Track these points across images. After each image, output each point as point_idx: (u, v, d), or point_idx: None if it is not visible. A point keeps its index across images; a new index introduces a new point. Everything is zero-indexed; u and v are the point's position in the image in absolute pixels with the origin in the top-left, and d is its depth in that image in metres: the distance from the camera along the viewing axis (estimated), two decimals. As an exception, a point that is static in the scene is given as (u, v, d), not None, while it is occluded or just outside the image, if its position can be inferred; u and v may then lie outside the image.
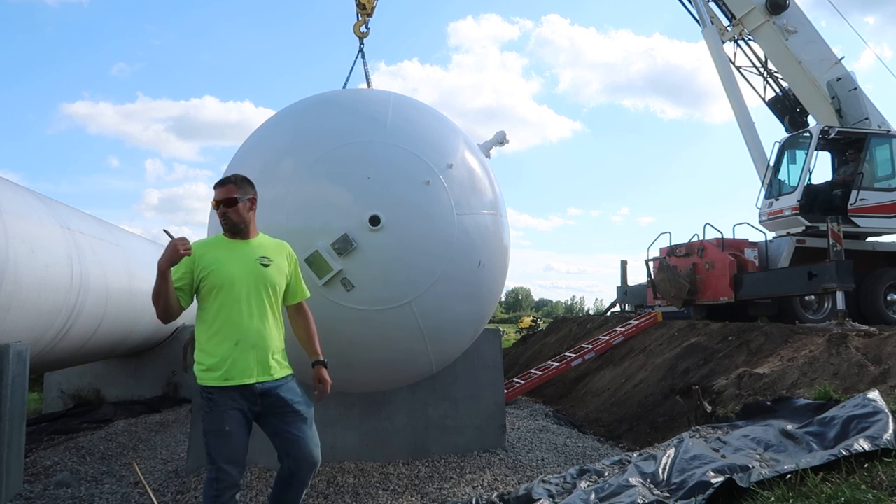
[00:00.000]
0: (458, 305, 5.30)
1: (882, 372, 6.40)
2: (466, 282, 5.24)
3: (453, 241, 5.04)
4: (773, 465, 4.06)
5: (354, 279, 4.77)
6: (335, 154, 4.97)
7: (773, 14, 12.50)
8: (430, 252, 4.97)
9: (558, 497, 4.31)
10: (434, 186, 5.02)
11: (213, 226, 4.63)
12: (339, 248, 4.71)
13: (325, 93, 5.89)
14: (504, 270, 5.81)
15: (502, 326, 44.85)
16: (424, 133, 5.37)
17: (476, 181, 5.44)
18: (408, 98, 5.85)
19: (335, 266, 4.69)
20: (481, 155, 5.88)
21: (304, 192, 4.90)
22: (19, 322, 5.76)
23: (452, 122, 5.87)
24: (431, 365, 5.62)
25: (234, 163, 5.55)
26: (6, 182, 6.40)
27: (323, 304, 4.80)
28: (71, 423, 9.26)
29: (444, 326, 5.29)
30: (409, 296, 4.92)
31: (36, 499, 5.25)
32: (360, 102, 5.62)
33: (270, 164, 5.14)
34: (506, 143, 6.44)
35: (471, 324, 5.69)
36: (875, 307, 10.49)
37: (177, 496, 5.32)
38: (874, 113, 12.21)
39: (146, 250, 10.62)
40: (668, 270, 11.85)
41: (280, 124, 5.56)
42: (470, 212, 5.21)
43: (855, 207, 11.01)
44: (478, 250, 5.24)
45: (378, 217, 4.75)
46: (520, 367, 13.22)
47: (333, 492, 5.44)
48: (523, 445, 7.05)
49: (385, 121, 5.23)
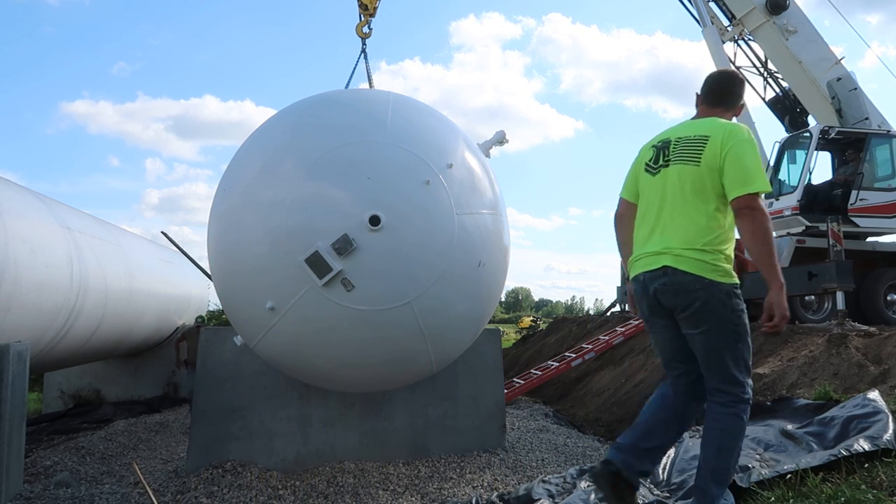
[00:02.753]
0: (458, 305, 5.30)
1: (882, 372, 6.40)
2: (467, 281, 5.24)
3: (453, 240, 5.04)
4: (773, 465, 4.06)
5: (355, 279, 4.77)
6: (335, 154, 4.96)
7: (773, 14, 12.49)
8: (431, 252, 4.96)
9: (558, 497, 4.31)
10: (434, 186, 5.02)
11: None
12: (339, 248, 4.71)
13: (325, 92, 5.89)
14: (504, 270, 5.82)
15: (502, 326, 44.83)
16: (424, 133, 5.37)
17: (476, 181, 5.44)
18: (407, 98, 5.85)
19: (335, 266, 4.69)
20: (481, 155, 5.88)
21: (303, 192, 4.90)
22: (19, 322, 5.76)
23: (452, 122, 5.86)
24: (432, 365, 5.62)
25: (233, 162, 5.54)
26: (6, 182, 6.40)
27: (323, 304, 4.79)
28: (71, 423, 9.27)
29: (444, 326, 5.29)
30: (410, 295, 4.91)
31: (36, 499, 5.25)
32: (359, 102, 5.61)
33: (270, 164, 5.14)
34: (506, 143, 6.43)
35: (471, 323, 5.69)
36: (875, 307, 10.48)
37: (177, 496, 5.31)
38: (874, 113, 12.20)
39: (146, 250, 10.63)
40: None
41: (280, 124, 5.56)
42: (470, 211, 5.21)
43: (855, 207, 11.00)
44: (478, 250, 5.24)
45: (378, 217, 4.74)
46: (520, 367, 13.22)
47: (333, 492, 5.44)
48: (523, 445, 7.05)
49: (385, 120, 5.23)
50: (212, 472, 5.75)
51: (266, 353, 5.45)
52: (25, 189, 6.90)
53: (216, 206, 5.44)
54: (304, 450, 6.21)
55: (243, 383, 6.20)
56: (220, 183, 5.53)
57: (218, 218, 5.36)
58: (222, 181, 5.51)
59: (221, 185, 5.49)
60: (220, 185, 5.53)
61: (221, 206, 5.35)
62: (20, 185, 6.90)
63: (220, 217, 5.33)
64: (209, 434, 6.03)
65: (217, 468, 5.82)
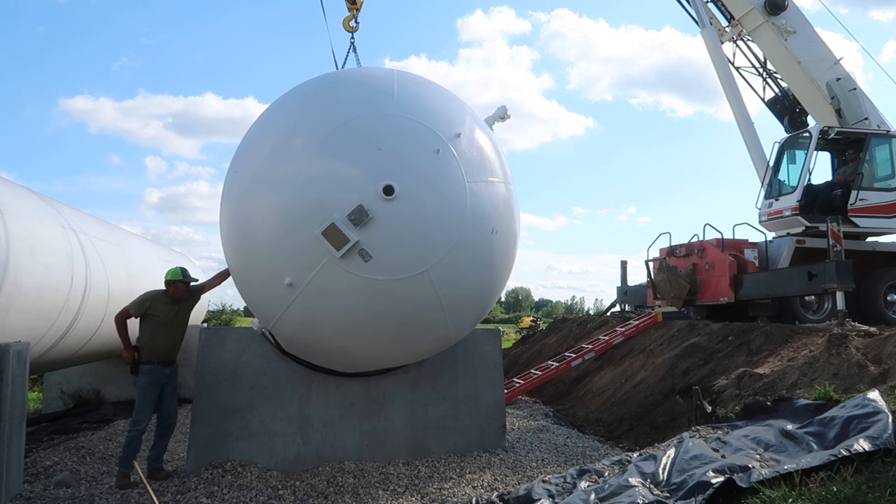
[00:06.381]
0: (474, 272, 5.32)
1: (882, 372, 6.40)
2: (481, 249, 5.27)
3: (466, 208, 5.09)
4: (773, 465, 4.06)
5: (372, 249, 4.80)
6: (345, 128, 5.00)
7: (771, 14, 12.50)
8: (445, 220, 5.01)
9: (558, 497, 4.31)
10: (444, 155, 5.07)
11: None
12: (354, 220, 4.74)
13: (330, 72, 5.98)
14: (516, 238, 5.84)
15: (502, 326, 44.85)
16: (431, 104, 5.41)
17: (485, 151, 5.47)
18: (411, 74, 5.90)
19: (352, 237, 4.72)
20: (487, 127, 5.93)
21: (316, 167, 4.93)
22: (19, 322, 5.76)
23: (456, 96, 5.91)
24: (450, 336, 5.65)
25: (244, 144, 5.58)
26: (7, 182, 6.40)
27: (342, 276, 4.82)
28: (71, 423, 9.26)
29: (460, 294, 5.31)
30: (427, 264, 4.95)
31: (36, 499, 5.25)
32: (365, 77, 5.67)
33: (282, 142, 5.18)
34: (507, 118, 6.48)
35: (486, 291, 5.70)
36: (875, 307, 10.49)
37: (177, 496, 5.32)
38: (874, 113, 12.21)
39: (146, 250, 10.62)
40: (668, 271, 11.85)
41: (288, 102, 5.59)
42: (481, 179, 5.25)
43: (855, 207, 11.00)
44: (490, 217, 5.28)
45: (392, 187, 4.79)
46: (520, 367, 13.23)
47: (333, 492, 5.44)
48: (523, 445, 7.06)
49: (392, 93, 5.27)
50: (212, 472, 5.75)
51: (285, 331, 5.46)
52: (26, 189, 6.90)
53: (228, 187, 5.47)
54: (304, 450, 6.21)
55: (243, 383, 6.21)
56: (231, 165, 5.56)
57: (231, 198, 5.40)
58: (233, 163, 5.55)
59: (232, 166, 5.52)
60: (230, 166, 5.56)
61: (234, 187, 5.38)
62: (20, 184, 6.90)
63: (233, 197, 5.36)
64: (209, 434, 6.03)
65: (217, 468, 5.83)
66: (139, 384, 5.87)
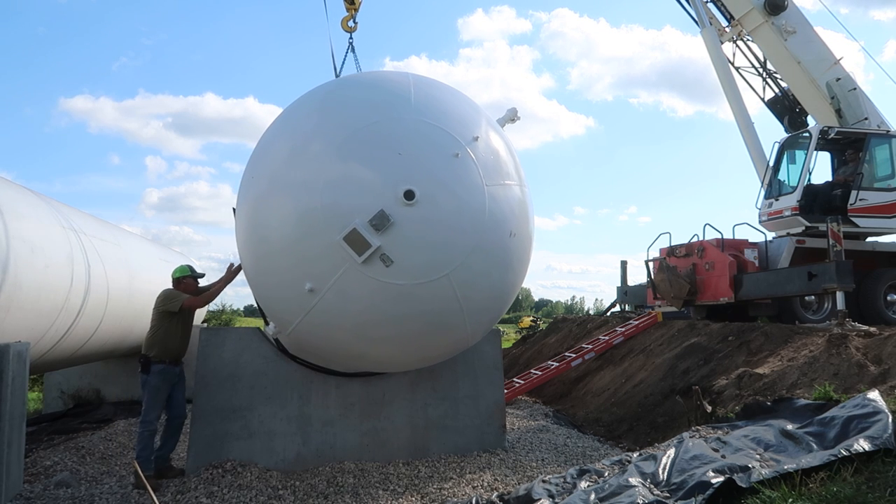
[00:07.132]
0: (492, 275, 5.34)
1: (882, 372, 6.40)
2: (500, 251, 5.29)
3: (485, 211, 5.10)
4: (773, 465, 4.07)
5: (393, 254, 4.80)
6: (364, 132, 5.00)
7: (771, 14, 12.50)
8: (464, 224, 5.02)
9: (558, 497, 4.31)
10: (463, 159, 5.08)
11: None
12: (376, 225, 4.75)
13: (345, 76, 5.95)
14: (531, 241, 5.86)
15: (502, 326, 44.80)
16: (447, 108, 5.41)
17: (501, 153, 5.49)
18: (426, 77, 5.89)
19: (374, 242, 4.72)
20: (501, 130, 5.94)
21: (335, 171, 4.92)
22: (19, 322, 5.76)
23: (470, 98, 5.92)
24: (467, 339, 5.66)
25: (259, 148, 5.57)
26: (7, 182, 6.41)
27: (363, 281, 4.82)
28: (71, 423, 9.26)
29: (479, 297, 5.32)
30: (447, 268, 4.95)
31: (36, 499, 5.25)
32: (382, 81, 5.67)
33: (299, 145, 5.17)
34: (517, 120, 6.49)
35: (504, 294, 5.73)
36: (875, 307, 10.49)
37: (177, 496, 5.32)
38: (874, 113, 12.21)
39: (146, 250, 10.62)
40: (668, 271, 11.85)
41: (304, 107, 5.58)
42: (498, 182, 5.26)
43: (855, 207, 11.00)
44: (508, 220, 5.30)
45: (412, 191, 4.79)
46: (520, 367, 13.22)
47: (333, 492, 5.45)
48: (523, 445, 7.06)
49: (409, 98, 5.27)
50: (212, 472, 5.76)
51: (304, 336, 5.45)
52: (26, 189, 6.90)
53: (244, 192, 5.46)
54: (304, 450, 6.22)
55: (243, 383, 6.21)
56: (247, 170, 5.54)
57: (248, 203, 5.38)
58: (248, 168, 5.54)
59: (248, 171, 5.51)
60: (246, 171, 5.55)
61: (251, 192, 5.37)
62: (20, 184, 6.90)
63: (251, 202, 5.35)
64: (209, 434, 6.03)
65: (217, 468, 5.83)
66: (151, 384, 5.87)
